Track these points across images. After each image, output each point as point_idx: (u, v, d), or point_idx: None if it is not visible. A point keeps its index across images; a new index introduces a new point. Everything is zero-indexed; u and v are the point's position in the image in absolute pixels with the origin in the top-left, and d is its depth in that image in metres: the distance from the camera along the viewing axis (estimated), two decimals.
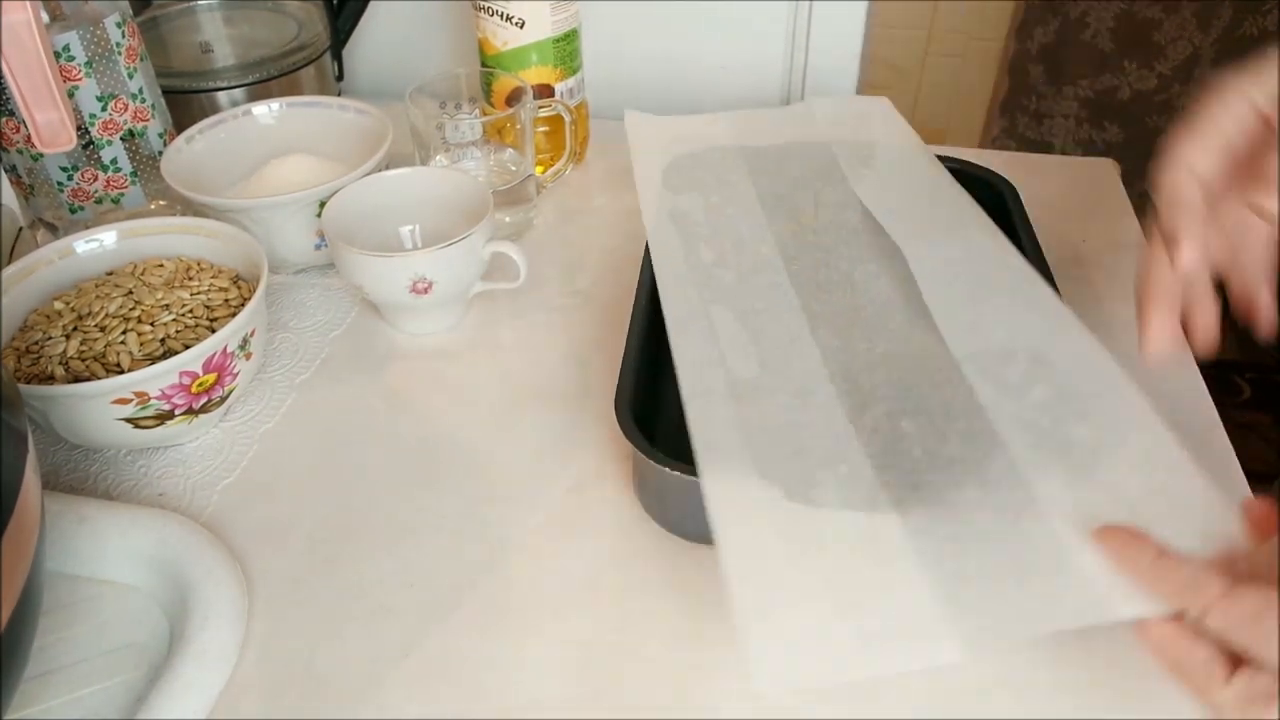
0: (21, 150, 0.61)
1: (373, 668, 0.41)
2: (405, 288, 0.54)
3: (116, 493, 0.49)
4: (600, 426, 0.52)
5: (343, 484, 0.50)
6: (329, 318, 0.60)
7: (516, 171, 0.66)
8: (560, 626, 0.42)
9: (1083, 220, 0.65)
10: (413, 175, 0.60)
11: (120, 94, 0.61)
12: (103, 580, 0.45)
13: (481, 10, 0.65)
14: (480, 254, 0.56)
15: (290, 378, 0.56)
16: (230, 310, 0.51)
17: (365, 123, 0.65)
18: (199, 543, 0.44)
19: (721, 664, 0.41)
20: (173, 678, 0.39)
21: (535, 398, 0.54)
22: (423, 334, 0.59)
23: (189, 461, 0.51)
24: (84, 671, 0.41)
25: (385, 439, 0.52)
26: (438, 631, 0.42)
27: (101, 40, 0.59)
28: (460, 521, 0.47)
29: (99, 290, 0.51)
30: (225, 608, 0.41)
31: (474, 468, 0.50)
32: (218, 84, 0.72)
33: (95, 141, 0.61)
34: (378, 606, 0.44)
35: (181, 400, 0.47)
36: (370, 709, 0.40)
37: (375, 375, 0.56)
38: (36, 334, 0.49)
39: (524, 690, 0.40)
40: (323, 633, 0.43)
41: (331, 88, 0.80)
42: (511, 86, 0.67)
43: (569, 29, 0.67)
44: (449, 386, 0.55)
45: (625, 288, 0.61)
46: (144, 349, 0.48)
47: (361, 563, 0.45)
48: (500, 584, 0.44)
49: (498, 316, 0.60)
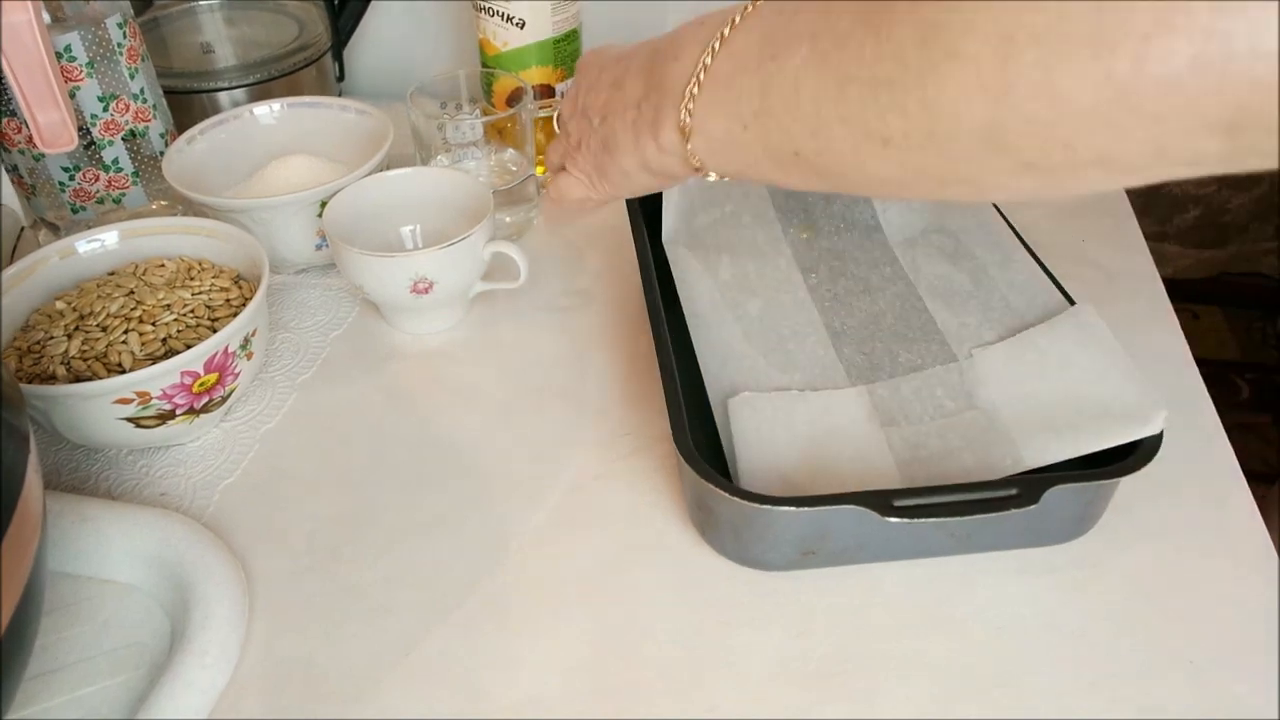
0: (23, 150, 0.61)
1: (373, 668, 0.41)
2: (406, 288, 0.54)
3: (118, 492, 0.49)
4: (600, 426, 0.52)
5: (343, 484, 0.50)
6: (330, 318, 0.61)
7: (517, 172, 0.66)
8: (560, 626, 0.42)
9: (1083, 220, 0.65)
10: (413, 175, 0.60)
11: (122, 94, 0.61)
12: (104, 580, 0.45)
13: (482, 10, 0.66)
14: (480, 254, 0.56)
15: (291, 378, 0.56)
16: (231, 310, 0.51)
17: (366, 123, 0.65)
18: (200, 543, 0.44)
19: (722, 664, 0.41)
20: (173, 677, 0.39)
21: (535, 398, 0.54)
22: (423, 334, 0.59)
23: (190, 461, 0.51)
24: (85, 671, 0.41)
25: (386, 439, 0.52)
26: (438, 631, 0.42)
27: (103, 41, 0.59)
28: (460, 521, 0.47)
29: (101, 290, 0.51)
30: (226, 608, 0.41)
31: (474, 467, 0.50)
32: (219, 84, 0.72)
33: (97, 142, 0.61)
34: (378, 606, 0.44)
35: (183, 400, 0.48)
36: (370, 709, 0.40)
37: (376, 375, 0.56)
38: (38, 334, 0.49)
39: (524, 690, 0.40)
40: (323, 633, 0.43)
41: (332, 88, 0.80)
42: (512, 86, 0.67)
43: (570, 29, 0.67)
44: (449, 386, 0.55)
45: (625, 288, 0.61)
46: (145, 349, 0.48)
47: (361, 563, 0.46)
48: (500, 584, 0.44)
49: (498, 316, 0.60)
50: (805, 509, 0.40)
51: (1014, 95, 0.25)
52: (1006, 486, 0.41)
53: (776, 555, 0.43)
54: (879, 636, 0.41)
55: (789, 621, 0.42)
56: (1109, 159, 0.26)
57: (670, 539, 0.46)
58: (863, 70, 0.29)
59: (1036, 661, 0.40)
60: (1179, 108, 0.23)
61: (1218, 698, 0.39)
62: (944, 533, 0.43)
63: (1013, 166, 0.28)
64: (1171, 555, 0.44)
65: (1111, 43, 0.23)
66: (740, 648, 0.41)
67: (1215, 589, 0.43)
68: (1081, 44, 0.24)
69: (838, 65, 0.30)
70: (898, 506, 0.40)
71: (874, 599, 0.43)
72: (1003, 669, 0.40)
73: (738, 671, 0.40)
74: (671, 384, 0.46)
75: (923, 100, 0.27)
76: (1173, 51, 0.22)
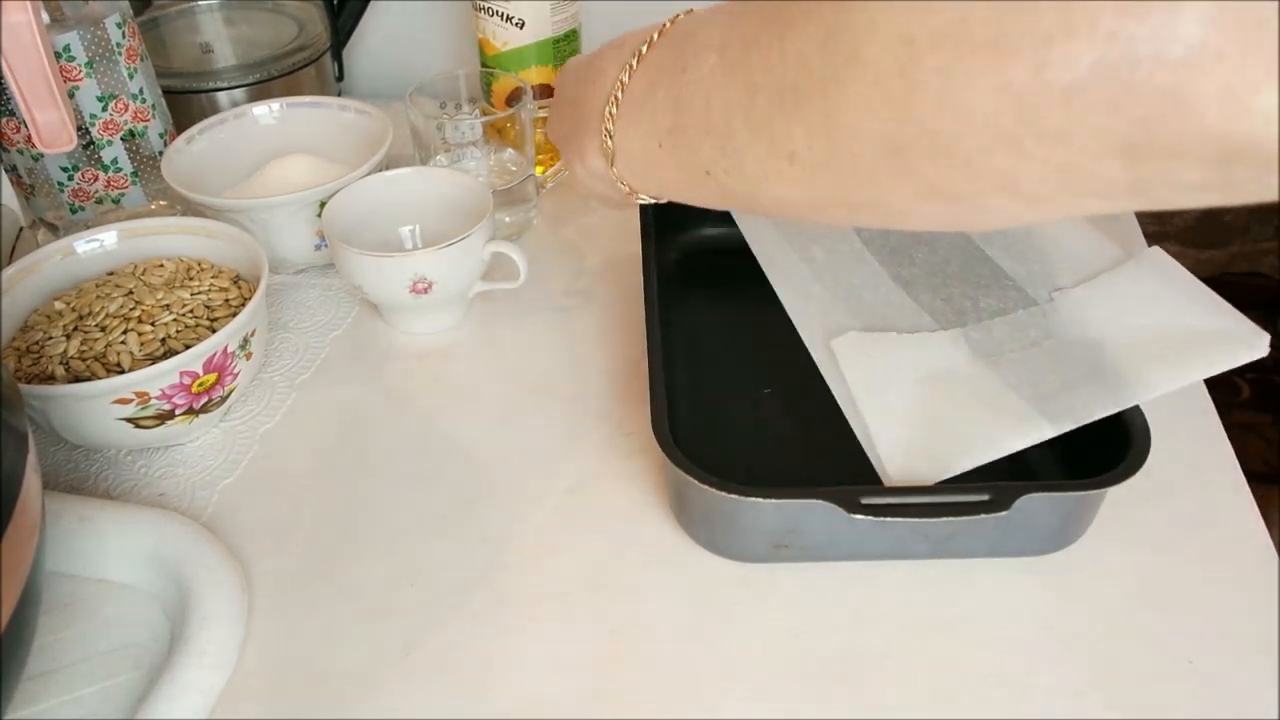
0: (22, 150, 0.61)
1: (373, 668, 0.41)
2: (405, 288, 0.54)
3: (117, 492, 0.49)
4: (600, 426, 0.52)
5: (343, 484, 0.50)
6: (329, 318, 0.60)
7: (516, 171, 0.66)
8: (560, 626, 0.42)
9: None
10: (413, 175, 0.60)
11: (121, 94, 0.61)
12: (103, 580, 0.45)
13: (481, 10, 0.65)
14: (480, 254, 0.56)
15: (290, 378, 0.56)
16: (231, 310, 0.51)
17: (365, 123, 0.65)
18: (199, 543, 0.44)
19: (722, 663, 0.41)
20: (172, 678, 0.39)
21: (535, 398, 0.54)
22: (423, 334, 0.59)
23: (189, 461, 0.51)
24: (84, 671, 0.41)
25: (385, 439, 0.52)
26: (438, 631, 0.42)
27: (102, 40, 0.59)
28: (460, 521, 0.47)
29: (100, 290, 0.51)
30: (225, 608, 0.41)
31: (474, 467, 0.50)
32: (218, 84, 0.72)
33: (96, 141, 0.61)
34: (378, 606, 0.44)
35: (182, 400, 0.47)
36: (370, 709, 0.40)
37: (375, 375, 0.56)
38: (37, 334, 0.49)
39: (524, 689, 0.40)
40: (323, 632, 0.43)
41: (332, 88, 0.80)
42: (512, 86, 0.67)
43: (569, 29, 0.67)
44: (449, 386, 0.55)
45: (626, 288, 0.61)
46: (144, 349, 0.48)
47: (361, 563, 0.46)
48: (500, 584, 0.44)
49: (498, 316, 0.60)
50: (771, 500, 0.41)
51: (915, 107, 0.24)
52: (979, 491, 0.41)
53: (747, 547, 0.43)
54: (879, 637, 0.41)
55: (790, 622, 0.42)
56: (1012, 183, 0.24)
57: (670, 539, 0.46)
58: (770, 78, 0.28)
59: (1036, 662, 0.40)
60: (1079, 122, 0.22)
61: (1218, 698, 0.39)
62: (918, 535, 0.42)
63: (917, 190, 0.27)
64: (1171, 555, 0.44)
65: (1011, 48, 0.22)
66: (741, 648, 0.41)
67: (1215, 589, 0.43)
68: (982, 48, 0.22)
69: (745, 72, 0.29)
70: (865, 504, 0.40)
71: (873, 599, 0.43)
72: (1003, 669, 0.40)
73: (739, 671, 0.40)
74: (656, 373, 0.46)
75: (825, 110, 0.26)
76: (1073, 57, 0.21)
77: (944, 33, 0.23)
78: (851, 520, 0.40)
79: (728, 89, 0.30)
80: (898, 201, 0.28)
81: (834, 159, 0.27)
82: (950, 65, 0.23)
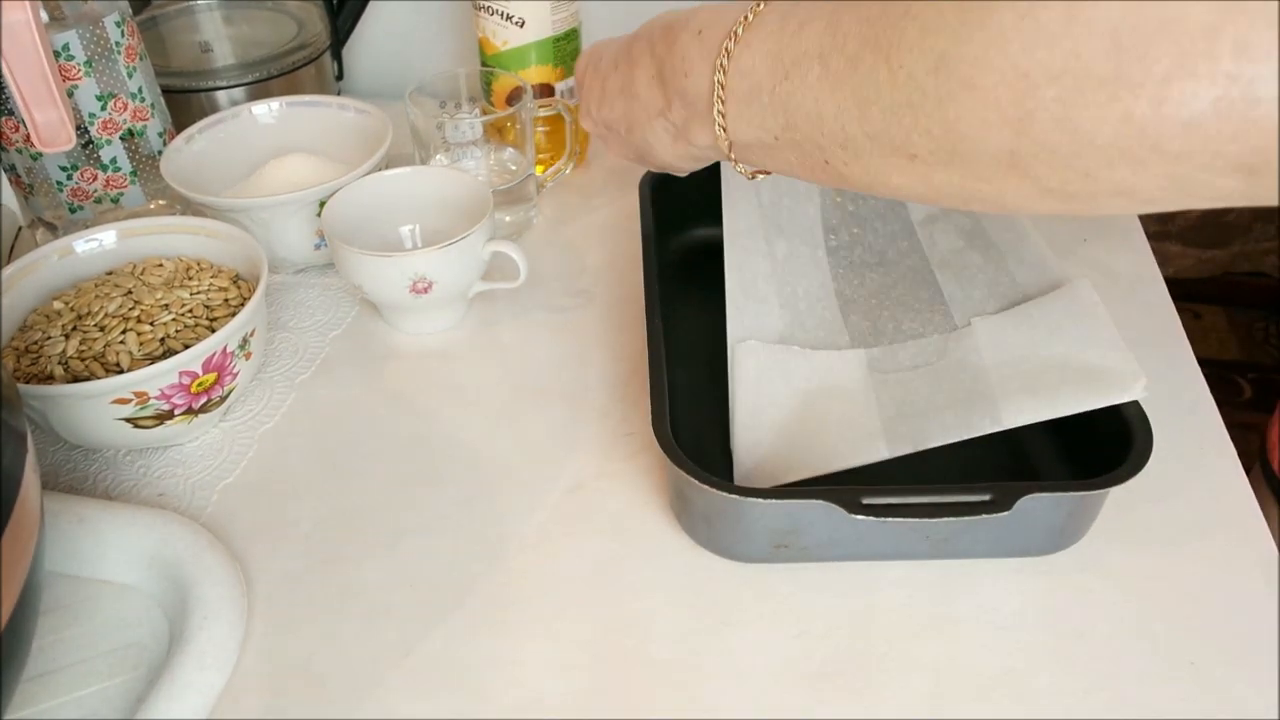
0: (21, 149, 0.60)
1: (373, 668, 0.41)
2: (405, 287, 0.54)
3: (116, 493, 0.49)
4: (601, 426, 0.52)
5: (343, 484, 0.49)
6: (329, 318, 0.60)
7: (517, 171, 0.66)
8: (560, 626, 0.42)
9: (1082, 219, 0.65)
10: (413, 175, 0.60)
11: (120, 93, 0.61)
12: (102, 580, 0.44)
13: (481, 10, 0.65)
14: (480, 254, 0.56)
15: (290, 378, 0.56)
16: (230, 310, 0.51)
17: (365, 122, 0.65)
18: (198, 543, 0.44)
19: (722, 664, 0.41)
20: (172, 678, 0.39)
21: (535, 398, 0.54)
22: (423, 334, 0.59)
23: (189, 461, 0.51)
24: (83, 672, 0.41)
25: (385, 439, 0.52)
26: (438, 631, 0.42)
27: (101, 39, 0.58)
28: (460, 521, 0.47)
29: (98, 290, 0.51)
30: (225, 608, 0.41)
31: (474, 467, 0.50)
32: (217, 83, 0.72)
33: (95, 141, 0.61)
34: (378, 606, 0.44)
35: (181, 400, 0.47)
36: (370, 709, 0.40)
37: (375, 375, 0.56)
38: (36, 334, 0.49)
39: (524, 690, 0.40)
40: (323, 633, 0.43)
41: (331, 87, 0.80)
42: (511, 86, 0.67)
43: (569, 28, 0.67)
44: (449, 386, 0.55)
45: (626, 287, 0.61)
46: (143, 349, 0.48)
47: (361, 563, 0.45)
48: (500, 584, 0.44)
49: (498, 316, 0.60)
50: (773, 501, 0.41)
51: (1034, 127, 0.26)
52: (981, 491, 0.41)
53: (748, 546, 0.43)
54: (879, 637, 0.41)
55: (790, 622, 0.42)
56: (1130, 191, 0.26)
57: (671, 539, 0.46)
58: (881, 95, 0.29)
59: (1037, 662, 0.40)
60: (1199, 148, 0.23)
61: (1219, 698, 0.39)
62: (919, 535, 0.42)
63: (1034, 190, 0.28)
64: (1172, 555, 0.44)
65: (1131, 84, 0.23)
66: (742, 648, 0.41)
67: (1216, 589, 0.43)
68: (1100, 84, 0.24)
69: (855, 89, 0.31)
70: (866, 504, 0.40)
71: (874, 599, 0.43)
72: (1003, 669, 0.40)
73: (739, 671, 0.40)
74: (656, 373, 0.46)
75: (944, 122, 0.28)
76: (1194, 95, 0.23)
77: (1061, 68, 0.24)
78: (852, 520, 0.40)
79: (837, 99, 0.31)
80: (1013, 198, 0.29)
81: (954, 161, 0.29)
82: (1069, 97, 0.25)
